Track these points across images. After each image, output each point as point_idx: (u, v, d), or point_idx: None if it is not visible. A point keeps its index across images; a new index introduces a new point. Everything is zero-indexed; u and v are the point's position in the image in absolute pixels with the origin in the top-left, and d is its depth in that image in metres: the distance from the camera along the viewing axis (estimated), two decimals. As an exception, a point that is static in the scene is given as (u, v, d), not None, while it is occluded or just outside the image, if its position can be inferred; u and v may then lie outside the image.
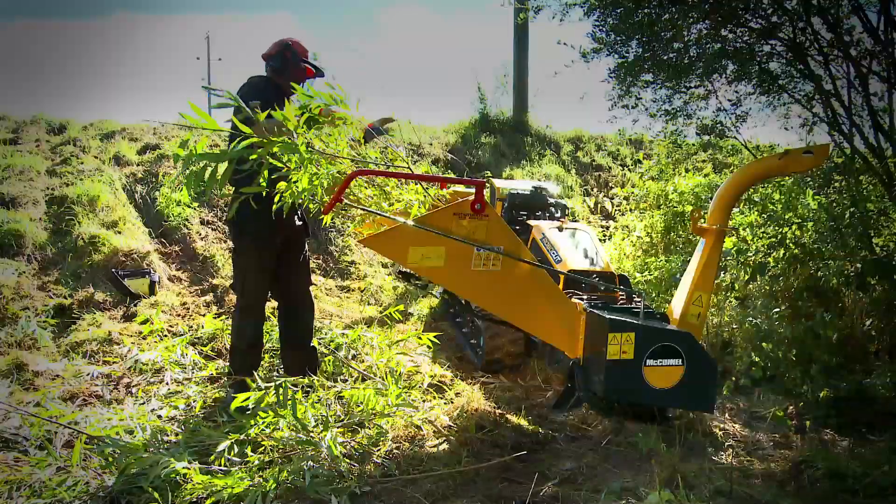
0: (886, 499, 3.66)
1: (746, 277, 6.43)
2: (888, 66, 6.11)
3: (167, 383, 5.18)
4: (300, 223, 5.04)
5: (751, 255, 6.48)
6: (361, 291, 8.36)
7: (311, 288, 5.23)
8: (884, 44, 6.07)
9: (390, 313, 6.44)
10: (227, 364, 5.10)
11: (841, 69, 6.57)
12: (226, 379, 5.10)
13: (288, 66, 4.96)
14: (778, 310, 5.96)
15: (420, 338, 5.57)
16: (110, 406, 4.80)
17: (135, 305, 6.77)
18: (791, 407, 5.08)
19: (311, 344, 5.15)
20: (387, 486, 3.68)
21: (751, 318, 5.94)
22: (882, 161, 6.23)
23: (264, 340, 5.57)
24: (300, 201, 4.32)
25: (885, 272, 5.51)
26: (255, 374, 5.02)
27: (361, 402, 4.37)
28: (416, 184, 4.53)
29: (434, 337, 5.56)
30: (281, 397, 4.08)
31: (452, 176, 11.08)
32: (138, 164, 9.25)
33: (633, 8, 6.82)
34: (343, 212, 4.55)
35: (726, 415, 4.98)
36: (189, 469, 3.55)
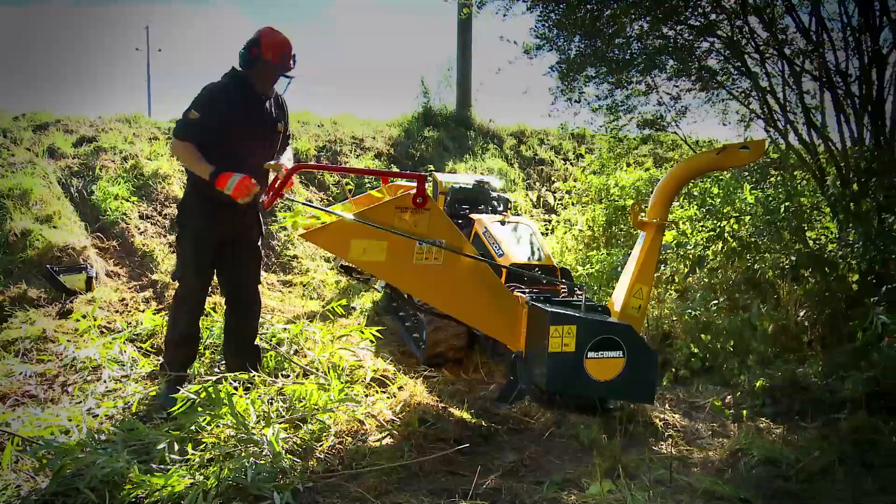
0: (816, 483, 3.76)
1: (686, 270, 6.55)
2: (820, 65, 6.27)
3: (105, 381, 5.04)
4: (252, 222, 4.91)
5: (690, 248, 6.60)
6: (304, 286, 8.28)
7: (258, 287, 5.13)
8: (815, 44, 6.24)
9: (333, 308, 6.38)
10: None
11: (776, 67, 6.75)
12: (160, 376, 4.99)
13: (251, 65, 4.59)
14: (716, 302, 6.08)
15: (363, 332, 5.53)
16: (44, 406, 4.66)
17: (70, 302, 6.59)
18: (728, 397, 5.18)
19: (255, 343, 5.06)
20: (330, 481, 3.64)
21: (690, 310, 6.05)
22: (815, 157, 6.40)
23: (205, 336, 5.48)
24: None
25: (817, 264, 5.67)
26: (191, 369, 4.94)
27: (304, 398, 4.31)
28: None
29: (377, 331, 5.53)
30: (222, 394, 4.00)
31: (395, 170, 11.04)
32: (74, 157, 8.99)
33: (576, 3, 6.88)
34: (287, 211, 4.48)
35: (666, 405, 5.05)
36: (127, 469, 3.47)
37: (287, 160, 4.72)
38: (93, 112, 10.63)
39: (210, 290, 6.68)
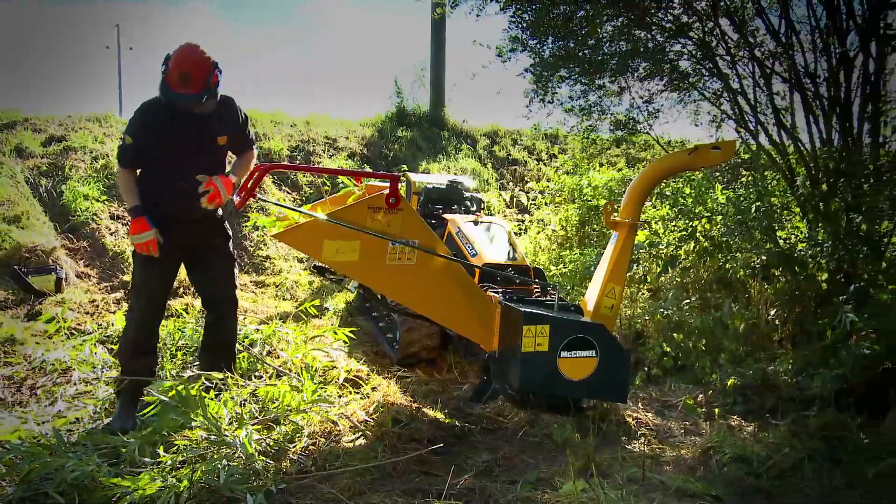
0: (786, 479, 3.81)
1: (658, 270, 6.59)
2: (789, 67, 6.34)
3: (75, 384, 4.98)
4: (210, 230, 4.72)
5: (662, 247, 6.65)
6: (276, 286, 8.24)
7: (236, 292, 5.02)
8: (785, 46, 6.31)
9: (306, 308, 6.35)
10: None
11: (747, 69, 6.81)
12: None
13: (163, 83, 4.29)
14: (688, 301, 6.12)
15: (336, 333, 5.50)
16: (12, 409, 4.59)
17: (39, 303, 6.51)
18: (700, 395, 5.22)
19: (232, 348, 4.96)
20: (303, 482, 3.63)
21: (662, 310, 6.08)
22: (784, 157, 6.47)
23: (177, 337, 5.42)
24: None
25: (787, 264, 5.72)
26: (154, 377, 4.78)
27: (276, 399, 4.29)
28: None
29: (350, 332, 5.51)
30: (193, 394, 3.96)
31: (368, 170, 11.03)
32: (43, 157, 8.87)
33: (549, 4, 6.90)
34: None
35: (639, 404, 5.08)
36: (97, 472, 3.42)
37: (235, 172, 4.63)
38: (62, 111, 10.50)
39: (182, 291, 6.62)
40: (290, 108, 13.84)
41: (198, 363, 5.03)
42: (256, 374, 4.99)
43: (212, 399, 4.03)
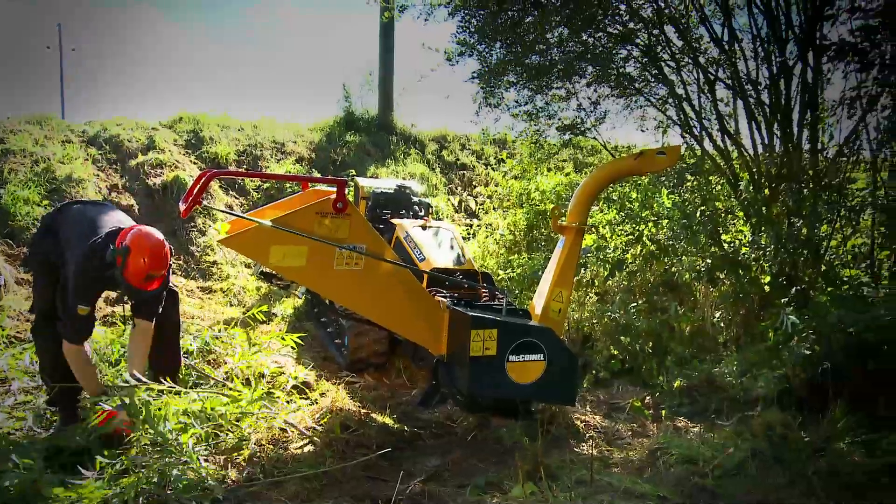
0: (732, 478, 3.86)
1: (605, 273, 6.65)
2: (732, 74, 6.46)
3: (14, 394, 4.85)
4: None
5: (609, 251, 6.71)
6: (224, 292, 8.13)
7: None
8: (728, 53, 6.42)
9: (253, 314, 6.27)
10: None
11: (691, 75, 6.91)
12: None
13: (119, 272, 4.13)
14: (635, 304, 6.19)
15: (284, 338, 5.45)
16: (-54, 420, 4.45)
17: (-24, 311, 6.33)
18: (648, 397, 5.28)
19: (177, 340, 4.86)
20: (251, 489, 3.59)
21: (609, 313, 6.14)
22: (728, 162, 6.58)
23: (116, 348, 5.30)
24: None
25: (731, 267, 5.82)
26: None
27: (223, 406, 4.23)
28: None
29: (298, 337, 5.45)
30: (140, 405, 3.87)
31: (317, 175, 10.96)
32: (-21, 161, 8.64)
33: (497, 10, 6.93)
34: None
35: (587, 407, 5.12)
36: (40, 480, 3.34)
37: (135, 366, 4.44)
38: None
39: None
40: (237, 112, 13.74)
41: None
42: (203, 381, 4.91)
43: (157, 409, 3.95)
